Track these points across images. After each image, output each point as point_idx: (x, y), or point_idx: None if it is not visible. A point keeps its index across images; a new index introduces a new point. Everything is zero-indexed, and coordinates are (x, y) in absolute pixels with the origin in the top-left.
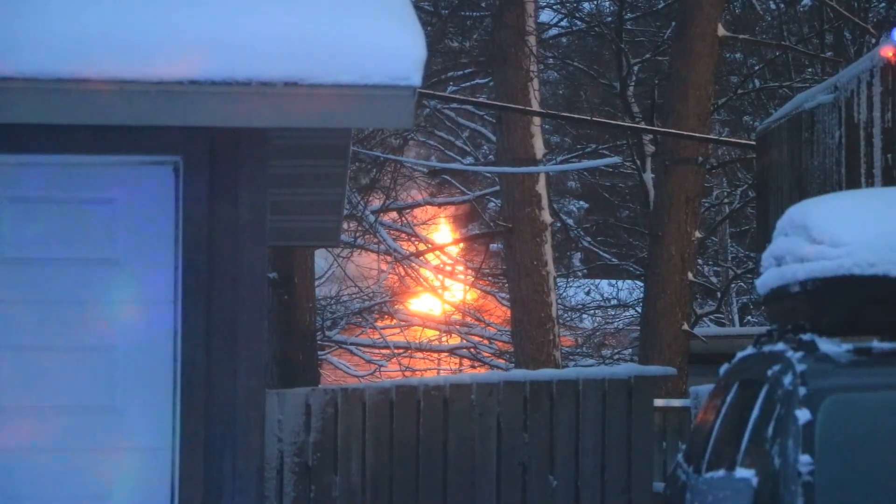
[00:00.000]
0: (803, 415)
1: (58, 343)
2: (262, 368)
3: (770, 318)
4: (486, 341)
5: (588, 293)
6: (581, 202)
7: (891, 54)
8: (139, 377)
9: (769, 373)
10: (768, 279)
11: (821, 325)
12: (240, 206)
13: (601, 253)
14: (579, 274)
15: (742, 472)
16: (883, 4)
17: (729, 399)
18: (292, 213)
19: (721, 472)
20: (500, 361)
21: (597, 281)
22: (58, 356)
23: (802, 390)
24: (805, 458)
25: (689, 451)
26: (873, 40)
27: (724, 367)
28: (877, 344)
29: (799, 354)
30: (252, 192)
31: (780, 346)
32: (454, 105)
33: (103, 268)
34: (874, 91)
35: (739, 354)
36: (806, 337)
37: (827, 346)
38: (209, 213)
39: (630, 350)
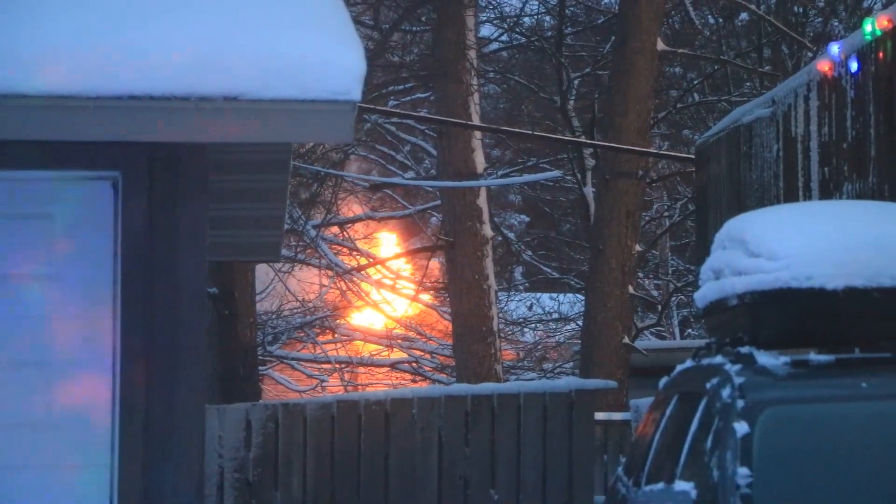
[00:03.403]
0: (741, 427)
1: None
2: (202, 384)
3: (709, 330)
4: (427, 355)
5: (530, 307)
6: (522, 216)
7: (827, 68)
8: (78, 393)
9: (708, 386)
10: (707, 292)
11: (759, 338)
12: (179, 222)
13: (542, 267)
14: (521, 288)
15: (681, 485)
16: (820, 19)
17: (668, 412)
18: (233, 227)
19: (660, 485)
20: (442, 376)
21: (538, 294)
22: None
23: (740, 403)
24: (743, 471)
25: (629, 463)
26: (810, 55)
27: (663, 381)
28: (814, 356)
29: (737, 367)
30: (192, 207)
31: (718, 358)
32: (395, 119)
33: (42, 283)
34: (811, 105)
35: (678, 367)
36: (744, 350)
37: (765, 358)
38: (148, 228)
39: (571, 364)
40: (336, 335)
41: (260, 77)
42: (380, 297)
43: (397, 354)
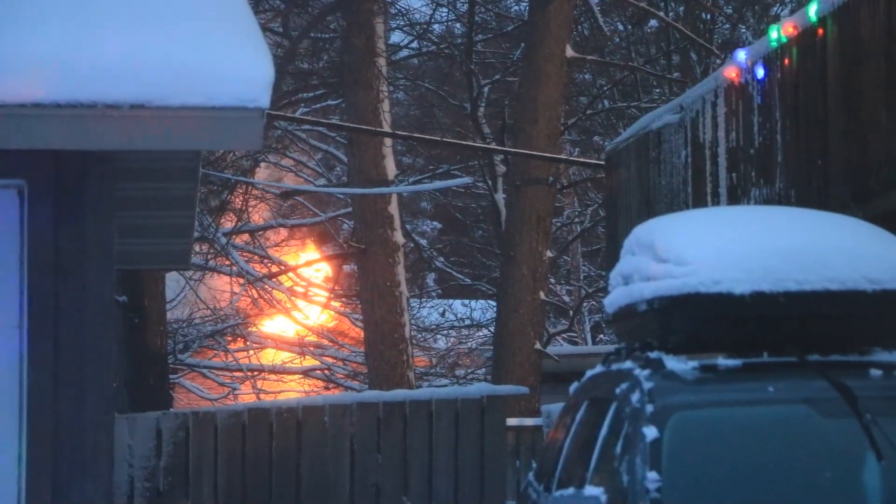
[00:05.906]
0: (650, 432)
1: None
2: (111, 393)
3: (618, 336)
4: (340, 363)
5: (442, 314)
6: (434, 223)
7: (734, 75)
8: None
9: (617, 391)
10: (616, 298)
11: (667, 343)
12: (86, 230)
13: (454, 273)
14: (433, 294)
15: (591, 490)
16: (727, 26)
17: (578, 417)
18: (142, 235)
19: (570, 490)
20: (355, 383)
21: (450, 301)
22: None
23: (650, 408)
24: (652, 475)
25: (540, 469)
26: (718, 61)
27: (574, 386)
28: (722, 361)
29: (646, 372)
30: (99, 215)
31: (627, 364)
32: (306, 126)
33: None
34: (718, 111)
35: (588, 373)
36: (653, 355)
37: (673, 363)
38: (55, 237)
39: (484, 370)
40: (248, 343)
41: (167, 84)
42: (291, 305)
43: (310, 362)
